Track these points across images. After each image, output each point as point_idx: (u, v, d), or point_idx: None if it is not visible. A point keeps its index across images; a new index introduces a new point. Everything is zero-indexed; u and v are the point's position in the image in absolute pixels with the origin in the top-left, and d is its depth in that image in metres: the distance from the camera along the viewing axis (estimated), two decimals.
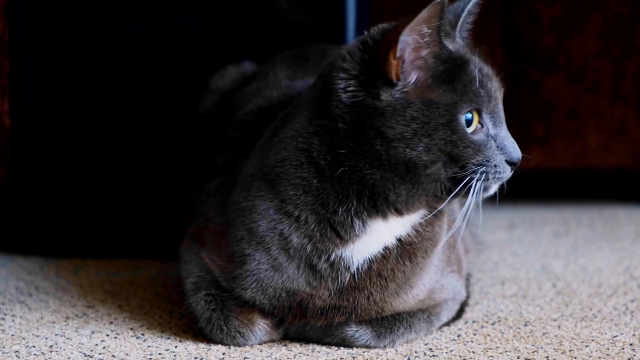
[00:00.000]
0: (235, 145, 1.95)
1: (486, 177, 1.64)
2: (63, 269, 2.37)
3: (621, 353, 1.75)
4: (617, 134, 3.03)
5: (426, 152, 1.62)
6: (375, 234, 1.70)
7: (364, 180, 1.65)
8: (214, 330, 1.78)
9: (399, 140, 1.62)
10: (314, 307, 1.73)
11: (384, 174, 1.64)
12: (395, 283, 1.73)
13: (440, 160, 1.62)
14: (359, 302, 1.73)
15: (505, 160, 1.66)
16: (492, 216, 2.85)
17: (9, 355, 1.75)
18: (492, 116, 1.66)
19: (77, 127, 2.48)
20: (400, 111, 1.62)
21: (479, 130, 1.65)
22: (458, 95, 1.63)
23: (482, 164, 1.64)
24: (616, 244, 2.64)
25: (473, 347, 1.79)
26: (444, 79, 1.64)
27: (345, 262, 1.70)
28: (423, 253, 1.74)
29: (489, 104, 1.66)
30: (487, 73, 1.68)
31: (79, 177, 2.50)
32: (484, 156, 1.64)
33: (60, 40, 2.45)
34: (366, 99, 1.63)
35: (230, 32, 2.45)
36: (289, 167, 1.70)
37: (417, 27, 1.60)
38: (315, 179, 1.68)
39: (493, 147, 1.65)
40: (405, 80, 1.63)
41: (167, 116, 2.47)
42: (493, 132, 1.66)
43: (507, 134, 1.68)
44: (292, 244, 1.70)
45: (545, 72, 2.99)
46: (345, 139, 1.65)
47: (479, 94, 1.64)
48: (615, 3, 2.96)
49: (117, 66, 2.46)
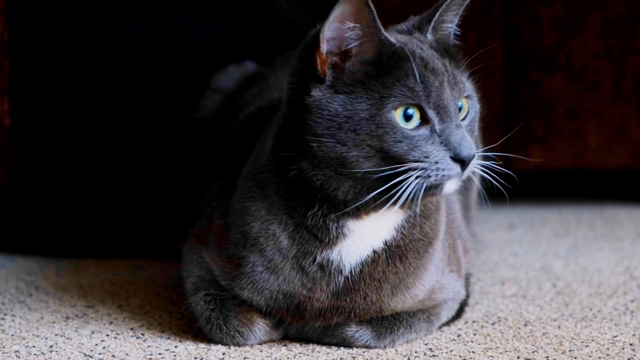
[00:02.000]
0: (236, 147, 1.95)
1: (427, 174, 1.60)
2: (63, 269, 2.37)
3: (621, 353, 1.75)
4: (617, 134, 3.02)
5: (356, 148, 1.60)
6: (357, 236, 1.69)
7: (312, 182, 1.65)
8: (214, 330, 1.78)
9: (328, 136, 1.61)
10: (312, 308, 1.73)
11: (325, 171, 1.63)
12: (389, 284, 1.73)
13: (375, 156, 1.60)
14: (357, 303, 1.73)
15: (450, 156, 1.62)
16: (492, 216, 2.85)
17: (9, 355, 1.75)
18: (438, 112, 1.62)
19: (77, 127, 2.48)
20: (326, 106, 1.62)
21: (421, 126, 1.62)
22: (386, 89, 1.61)
23: (420, 160, 1.60)
24: (616, 244, 2.64)
25: (473, 347, 1.79)
26: (375, 74, 1.62)
27: (334, 265, 1.70)
28: (414, 254, 1.74)
29: (430, 99, 1.62)
30: (434, 68, 1.64)
31: (79, 177, 2.50)
32: (422, 152, 1.60)
33: (60, 40, 2.45)
34: (301, 97, 1.65)
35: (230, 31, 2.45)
36: (267, 171, 1.72)
37: (339, 23, 1.60)
38: (282, 183, 1.70)
39: (435, 143, 1.61)
40: (331, 76, 1.63)
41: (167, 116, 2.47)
42: (439, 128, 1.62)
43: (457, 130, 1.62)
44: (283, 244, 1.71)
45: (545, 72, 2.99)
46: (291, 140, 1.67)
47: (414, 89, 1.61)
48: (615, 3, 2.96)
49: (118, 66, 2.46)
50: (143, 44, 2.45)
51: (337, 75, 1.63)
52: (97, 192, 2.50)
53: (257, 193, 1.73)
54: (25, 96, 2.46)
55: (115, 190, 2.50)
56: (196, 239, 1.89)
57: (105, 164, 2.49)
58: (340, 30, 1.61)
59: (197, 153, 2.19)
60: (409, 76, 1.62)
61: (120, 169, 2.49)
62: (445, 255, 1.85)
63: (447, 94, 1.63)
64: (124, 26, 2.45)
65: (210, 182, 1.97)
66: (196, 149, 2.20)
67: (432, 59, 1.65)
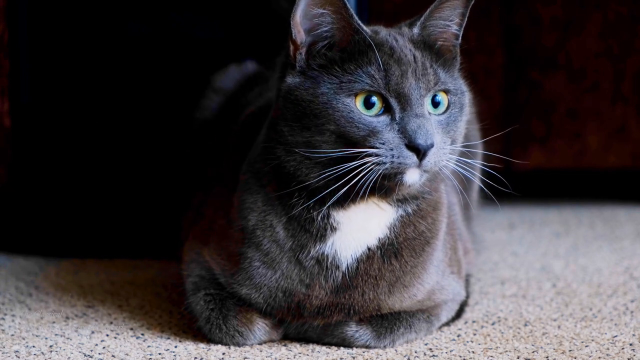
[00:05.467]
0: (237, 147, 1.95)
1: (381, 160, 1.60)
2: (63, 269, 2.37)
3: (621, 353, 1.75)
4: (617, 134, 3.03)
5: (318, 133, 1.62)
6: (347, 230, 1.70)
7: (287, 169, 1.67)
8: (213, 330, 1.78)
9: (296, 121, 1.64)
10: (311, 306, 1.73)
11: (295, 157, 1.65)
12: (386, 282, 1.73)
13: (336, 142, 1.62)
14: (355, 300, 1.73)
15: (405, 144, 1.61)
16: (492, 216, 2.85)
17: (9, 355, 1.75)
18: (400, 100, 1.63)
19: (77, 127, 2.48)
20: (294, 91, 1.65)
21: (383, 114, 1.63)
22: (347, 75, 1.63)
23: (375, 146, 1.61)
24: (616, 244, 2.64)
25: (473, 347, 1.79)
26: (340, 60, 1.64)
27: (330, 259, 1.70)
28: (410, 252, 1.74)
29: (390, 87, 1.62)
30: (400, 58, 1.64)
31: (79, 177, 2.50)
32: (378, 139, 1.61)
33: (60, 40, 2.45)
34: (279, 84, 1.69)
35: (230, 31, 2.45)
36: (259, 162, 1.74)
37: (309, 8, 1.62)
38: (272, 174, 1.71)
39: (394, 130, 1.62)
40: (302, 61, 1.66)
41: (167, 116, 2.47)
42: (399, 116, 1.63)
43: (416, 119, 1.62)
44: (279, 235, 1.71)
45: (545, 72, 2.99)
46: (272, 128, 1.70)
47: (374, 76, 1.62)
48: (615, 3, 2.96)
49: (117, 66, 2.46)
50: (143, 44, 2.45)
51: (308, 61, 1.66)
52: (96, 192, 2.50)
53: (253, 184, 1.74)
54: (25, 96, 2.46)
55: (115, 190, 2.50)
56: (197, 238, 1.89)
57: (105, 164, 2.49)
58: (310, 16, 1.63)
59: (198, 153, 2.19)
60: (371, 64, 1.63)
61: (120, 168, 2.49)
62: (446, 256, 1.85)
63: (410, 84, 1.63)
64: (124, 26, 2.45)
65: (211, 182, 1.97)
66: (197, 149, 2.20)
67: (403, 49, 1.66)
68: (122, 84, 2.46)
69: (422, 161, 1.61)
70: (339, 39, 1.65)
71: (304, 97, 1.64)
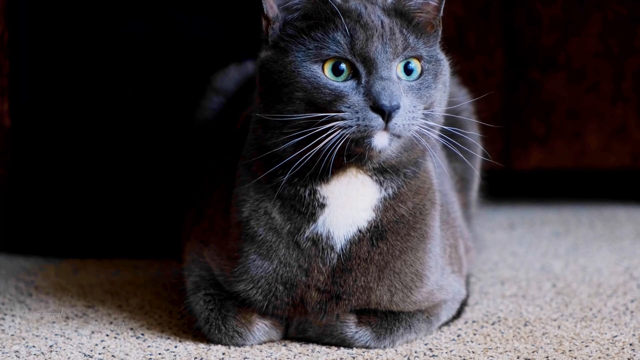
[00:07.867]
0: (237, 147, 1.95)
1: (347, 124, 1.61)
2: (63, 269, 2.38)
3: (621, 353, 1.75)
4: (617, 134, 3.03)
5: (289, 103, 1.64)
6: (335, 207, 1.70)
7: (267, 145, 1.68)
8: (212, 330, 1.78)
9: (269, 94, 1.66)
10: (311, 299, 1.73)
11: (273, 131, 1.66)
12: (375, 265, 1.73)
13: (306, 110, 1.63)
14: (348, 285, 1.73)
15: (370, 106, 1.61)
16: (492, 216, 2.85)
17: (9, 355, 1.75)
18: (365, 64, 1.64)
19: (77, 127, 2.48)
20: (266, 64, 1.68)
21: (350, 79, 1.64)
22: (313, 42, 1.65)
23: (341, 110, 1.61)
24: (616, 244, 2.64)
25: (473, 347, 1.79)
26: (307, 28, 1.66)
27: (324, 239, 1.71)
28: (395, 236, 1.74)
29: (355, 51, 1.63)
30: (366, 23, 1.65)
31: (78, 177, 2.50)
32: (344, 103, 1.62)
33: (60, 40, 2.45)
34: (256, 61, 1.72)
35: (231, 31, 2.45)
36: (250, 149, 1.75)
37: None
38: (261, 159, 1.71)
39: (359, 94, 1.62)
40: (274, 35, 1.69)
41: (167, 116, 2.47)
42: (364, 80, 1.63)
43: (381, 81, 1.63)
44: (276, 221, 1.72)
45: (545, 72, 2.99)
46: (254, 111, 1.72)
47: (340, 41, 1.64)
48: (615, 3, 2.96)
49: (117, 66, 2.46)
50: (143, 44, 2.45)
51: (279, 34, 1.68)
52: (96, 192, 2.50)
53: (245, 174, 1.76)
54: (25, 96, 2.47)
55: (115, 190, 2.50)
56: (198, 238, 1.89)
57: (105, 163, 2.49)
58: None
59: (198, 153, 2.19)
60: (337, 30, 1.65)
61: (120, 168, 2.49)
62: (445, 254, 1.85)
63: (375, 47, 1.64)
64: (124, 26, 2.45)
65: (212, 182, 1.97)
66: (198, 149, 2.20)
67: (370, 15, 1.67)
68: (122, 84, 2.46)
69: (389, 123, 1.61)
70: (307, 8, 1.67)
71: (274, 68, 1.66)
